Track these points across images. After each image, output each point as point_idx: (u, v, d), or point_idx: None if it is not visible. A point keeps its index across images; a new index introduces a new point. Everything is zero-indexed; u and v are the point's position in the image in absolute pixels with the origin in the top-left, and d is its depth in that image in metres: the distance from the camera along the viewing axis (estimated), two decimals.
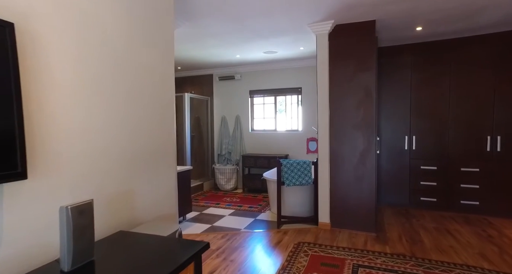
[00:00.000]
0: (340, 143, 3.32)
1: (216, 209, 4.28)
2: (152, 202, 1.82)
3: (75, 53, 1.36)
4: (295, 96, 5.44)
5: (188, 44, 4.05)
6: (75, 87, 1.36)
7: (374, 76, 3.13)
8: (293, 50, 4.45)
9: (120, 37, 1.65)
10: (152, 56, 1.96)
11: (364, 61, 3.17)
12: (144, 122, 1.77)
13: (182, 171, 3.57)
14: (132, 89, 1.73)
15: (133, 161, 1.64)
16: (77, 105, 1.36)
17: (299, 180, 3.43)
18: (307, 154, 5.30)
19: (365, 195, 3.21)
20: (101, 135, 1.47)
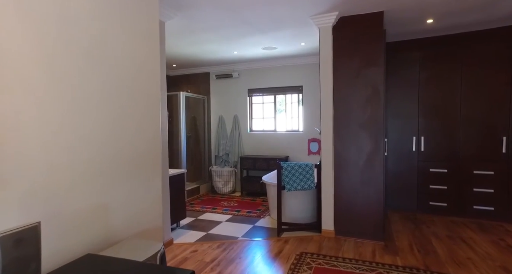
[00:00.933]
0: (345, 144, 3.08)
1: (212, 214, 4.04)
2: (132, 216, 1.56)
3: (31, 43, 1.12)
4: (296, 95, 5.20)
5: (182, 39, 3.81)
6: (30, 83, 1.11)
7: (382, 72, 2.89)
8: (294, 46, 4.21)
9: (90, 20, 1.40)
10: (133, 47, 1.71)
11: (371, 56, 2.93)
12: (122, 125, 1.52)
13: (175, 175, 3.32)
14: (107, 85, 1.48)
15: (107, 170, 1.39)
16: (34, 102, 1.12)
17: (300, 184, 3.19)
18: (308, 156, 5.06)
19: (372, 200, 2.97)
20: (64, 139, 1.22)
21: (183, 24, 3.27)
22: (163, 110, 2.84)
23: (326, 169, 3.16)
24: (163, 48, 2.86)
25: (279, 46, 4.23)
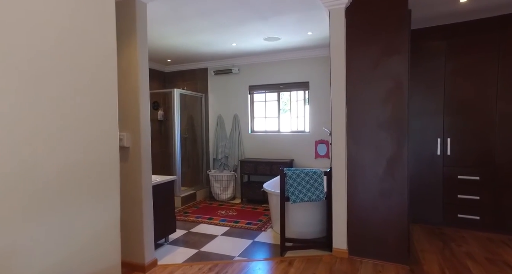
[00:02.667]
0: (360, 148, 2.59)
1: (207, 226, 3.58)
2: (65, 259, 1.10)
3: None
4: (302, 92, 4.72)
5: (172, 27, 3.36)
6: None
7: (406, 61, 2.40)
8: (300, 36, 3.73)
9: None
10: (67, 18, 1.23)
11: (393, 42, 2.44)
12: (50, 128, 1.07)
13: (162, 183, 2.87)
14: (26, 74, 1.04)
15: (23, 194, 0.94)
16: None
17: (307, 195, 2.71)
18: (315, 159, 4.57)
19: (394, 215, 2.48)
20: None
21: (170, 7, 2.82)
22: (144, 107, 2.39)
23: (338, 177, 2.68)
24: (144, 34, 2.41)
25: (283, 36, 3.76)
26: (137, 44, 2.33)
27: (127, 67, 2.37)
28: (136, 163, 2.38)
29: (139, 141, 2.37)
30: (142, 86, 2.38)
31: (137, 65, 2.34)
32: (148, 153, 2.45)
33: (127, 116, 2.39)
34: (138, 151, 2.37)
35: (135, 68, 2.34)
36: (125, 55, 2.37)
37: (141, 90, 2.37)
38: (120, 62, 2.39)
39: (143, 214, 2.39)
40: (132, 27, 2.33)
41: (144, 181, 2.39)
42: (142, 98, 2.38)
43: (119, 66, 2.40)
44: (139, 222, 2.41)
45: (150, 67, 5.09)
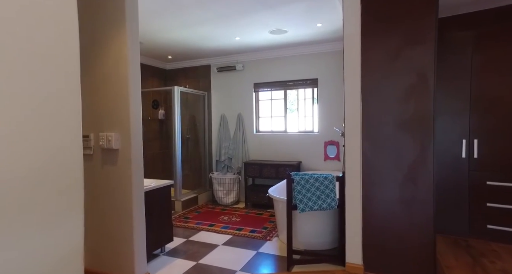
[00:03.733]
0: (378, 151, 2.30)
1: (208, 233, 3.32)
2: None
3: None
4: (310, 90, 4.43)
5: (169, 19, 3.11)
6: None
7: (432, 52, 2.10)
8: (308, 28, 3.44)
9: None
10: None
11: (416, 30, 2.13)
12: None
13: (158, 188, 2.63)
14: None
15: None
16: None
17: (318, 203, 2.42)
18: (324, 161, 4.28)
19: (416, 227, 2.18)
20: None
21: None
22: (135, 105, 2.14)
23: (352, 183, 2.39)
24: (135, 25, 2.16)
25: (290, 29, 3.48)
26: (127, 35, 2.08)
27: (116, 62, 2.12)
28: (125, 167, 2.14)
29: (129, 143, 2.12)
30: (133, 82, 2.13)
31: (126, 59, 2.09)
32: (139, 155, 2.20)
33: (116, 115, 2.15)
34: (128, 153, 2.13)
35: (125, 62, 2.10)
36: (113, 49, 2.13)
37: (131, 87, 2.12)
38: (108, 57, 2.15)
39: (133, 223, 2.15)
40: (120, 17, 2.09)
41: (134, 187, 2.15)
42: (133, 95, 2.13)
43: (107, 61, 2.16)
44: (128, 232, 2.16)
45: (149, 64, 4.87)
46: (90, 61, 2.22)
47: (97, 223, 2.27)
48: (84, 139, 2.24)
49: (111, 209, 2.20)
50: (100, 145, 2.17)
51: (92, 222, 2.29)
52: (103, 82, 2.19)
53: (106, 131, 2.18)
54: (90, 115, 2.25)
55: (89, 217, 2.30)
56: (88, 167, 2.28)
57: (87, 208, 2.30)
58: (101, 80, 2.19)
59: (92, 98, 2.23)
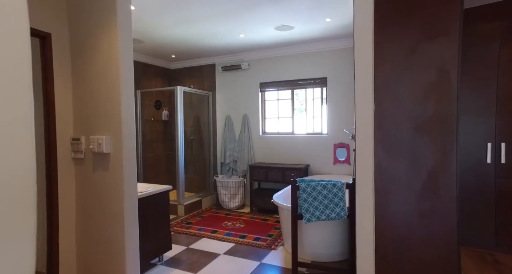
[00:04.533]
0: (393, 155, 2.07)
1: (210, 241, 3.15)
2: None
3: None
4: (319, 89, 4.21)
5: (168, 15, 2.97)
6: None
7: (456, 44, 1.86)
8: (316, 23, 3.24)
9: None
10: None
11: (437, 20, 1.90)
12: None
13: (154, 194, 2.48)
14: None
15: None
16: None
17: (325, 213, 2.22)
18: (334, 165, 4.05)
19: (437, 241, 1.94)
20: None
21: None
22: (127, 106, 1.99)
23: (363, 191, 2.16)
24: (127, 19, 2.01)
25: (297, 25, 3.28)
26: (118, 31, 1.93)
27: (107, 60, 1.98)
28: (117, 172, 1.99)
29: (121, 146, 1.97)
30: (125, 81, 1.98)
31: (117, 56, 1.94)
32: (132, 160, 2.05)
33: (107, 117, 2.01)
34: (120, 157, 1.98)
35: (116, 60, 1.95)
36: (104, 46, 1.98)
37: (123, 87, 1.97)
38: (99, 54, 2.01)
39: (125, 232, 1.99)
40: (111, 10, 1.94)
41: (126, 193, 1.99)
42: (125, 96, 1.98)
43: (98, 59, 2.02)
44: (120, 240, 2.01)
45: (153, 64, 4.75)
46: (81, 59, 2.09)
47: (88, 230, 2.13)
48: (75, 142, 2.11)
49: (102, 216, 2.06)
50: (90, 148, 2.04)
51: (83, 229, 2.15)
52: (94, 82, 2.05)
53: (97, 134, 2.04)
54: (81, 117, 2.12)
55: (81, 224, 2.16)
56: (79, 172, 2.15)
57: (78, 214, 2.17)
58: (92, 80, 2.05)
59: (84, 99, 2.10)
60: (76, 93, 2.13)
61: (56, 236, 2.03)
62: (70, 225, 2.14)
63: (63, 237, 2.09)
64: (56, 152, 2.02)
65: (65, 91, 2.10)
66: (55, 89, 2.03)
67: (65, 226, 2.11)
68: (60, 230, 2.07)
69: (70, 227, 2.15)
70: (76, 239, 2.18)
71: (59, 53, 2.05)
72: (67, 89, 2.12)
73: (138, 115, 4.42)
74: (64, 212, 2.10)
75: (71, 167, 2.14)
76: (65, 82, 2.10)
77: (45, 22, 1.97)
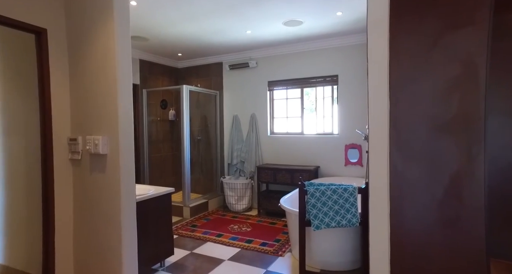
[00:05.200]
0: (410, 158, 1.89)
1: (215, 245, 3.04)
2: None
3: None
4: (329, 88, 4.04)
5: (172, 12, 2.86)
6: None
7: (485, 35, 1.67)
8: (327, 17, 3.07)
9: None
10: None
11: (461, 8, 1.71)
12: None
13: (156, 196, 2.38)
14: None
15: None
16: None
17: (335, 219, 2.06)
18: (345, 167, 3.87)
19: (462, 252, 1.75)
20: None
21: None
22: (124, 105, 1.89)
23: (377, 197, 1.99)
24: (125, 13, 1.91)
25: (306, 19, 3.12)
26: (114, 25, 1.83)
27: (104, 56, 1.88)
28: (114, 174, 1.89)
29: (118, 147, 1.88)
30: (122, 79, 1.88)
31: (114, 52, 1.84)
32: (130, 161, 1.94)
33: (104, 116, 1.91)
34: (117, 159, 1.88)
35: (113, 56, 1.85)
36: (101, 41, 1.89)
37: (120, 84, 1.87)
38: (96, 51, 1.92)
39: (122, 236, 1.89)
40: (108, 4, 1.85)
41: (123, 196, 1.89)
42: (122, 94, 1.88)
43: (95, 56, 1.93)
44: (117, 245, 1.91)
45: (160, 63, 4.68)
46: (79, 56, 2.00)
47: (86, 235, 2.04)
48: (72, 143, 2.02)
49: (99, 220, 1.97)
50: (87, 149, 1.95)
51: (81, 234, 2.07)
52: (91, 79, 1.96)
53: (94, 135, 1.95)
54: (79, 117, 2.03)
55: (78, 229, 2.08)
56: (76, 173, 2.06)
57: (76, 219, 2.08)
58: (89, 77, 1.97)
59: (81, 97, 2.01)
60: (74, 91, 2.05)
61: (52, 241, 1.95)
62: (67, 229, 2.06)
63: (60, 242, 2.01)
64: (53, 153, 1.95)
65: (62, 89, 2.02)
66: (52, 87, 1.95)
67: (62, 231, 2.03)
68: (56, 235, 1.99)
69: (67, 231, 2.07)
70: (74, 245, 2.10)
71: (56, 50, 1.97)
72: (65, 87, 2.04)
73: (144, 115, 4.35)
74: (61, 216, 2.02)
75: (69, 168, 2.06)
76: (63, 80, 2.02)
77: (41, 17, 1.89)
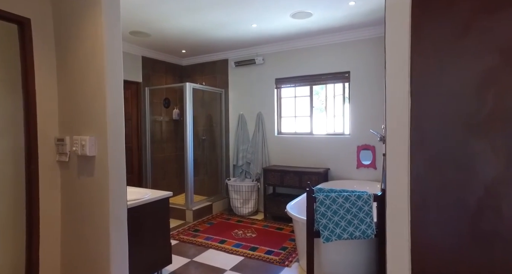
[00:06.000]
0: (435, 162, 1.65)
1: (217, 253, 2.85)
2: None
3: None
4: (340, 85, 3.80)
5: (171, 4, 2.69)
6: None
7: None
8: (338, 9, 2.84)
9: None
10: None
11: None
12: None
13: (151, 201, 2.20)
14: None
15: None
16: None
17: (348, 231, 1.84)
18: (357, 169, 3.62)
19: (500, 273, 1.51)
20: None
21: None
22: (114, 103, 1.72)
23: (396, 205, 1.75)
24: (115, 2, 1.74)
25: (316, 11, 2.90)
26: (102, 15, 1.66)
27: (92, 49, 1.72)
28: (102, 178, 1.73)
29: (106, 148, 1.71)
30: (111, 74, 1.71)
31: (103, 45, 1.67)
32: (121, 163, 1.77)
33: (92, 115, 1.75)
34: (105, 161, 1.71)
35: (101, 50, 1.68)
36: (88, 33, 1.73)
37: (109, 80, 1.70)
38: (83, 43, 1.75)
39: (110, 245, 1.72)
40: None
41: (112, 201, 1.72)
42: (111, 90, 1.71)
43: (82, 49, 1.76)
44: (105, 255, 1.74)
45: (164, 60, 4.54)
46: (67, 49, 1.84)
47: (74, 242, 1.88)
48: (59, 143, 1.87)
49: (88, 228, 1.81)
50: (74, 150, 1.79)
51: (69, 241, 1.91)
52: (78, 75, 1.80)
53: (83, 135, 1.79)
54: (66, 115, 1.88)
55: (66, 235, 1.92)
56: (64, 176, 1.91)
57: (64, 224, 1.93)
58: (77, 72, 1.80)
59: (69, 94, 1.86)
60: (62, 87, 1.89)
61: (36, 249, 1.80)
62: (54, 237, 1.90)
63: (46, 250, 1.85)
64: (38, 154, 1.79)
65: (49, 85, 1.87)
66: (37, 83, 1.79)
67: (49, 238, 1.87)
68: (42, 242, 1.83)
69: (54, 239, 1.91)
70: (62, 253, 1.94)
71: (41, 42, 1.82)
72: (52, 83, 1.88)
73: (146, 114, 4.21)
74: (48, 222, 1.86)
75: (56, 171, 1.91)
76: (49, 75, 1.87)
77: (24, 5, 1.74)
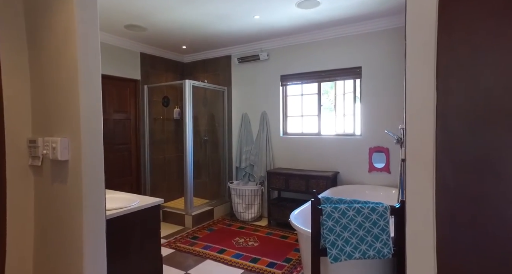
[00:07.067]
0: (467, 168, 1.35)
1: (215, 264, 2.62)
2: None
3: None
4: (351, 82, 3.52)
5: None
6: None
7: None
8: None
9: None
10: None
11: None
12: None
13: (140, 209, 1.98)
14: None
15: None
16: None
17: (360, 249, 1.57)
18: (369, 173, 3.33)
19: None
20: None
21: None
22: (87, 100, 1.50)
23: (418, 220, 1.47)
24: None
25: None
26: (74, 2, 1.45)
27: (64, 40, 1.51)
28: (75, 185, 1.51)
29: (80, 152, 1.49)
30: (84, 68, 1.49)
31: (75, 35, 1.46)
32: (97, 169, 1.55)
33: (64, 114, 1.54)
34: (78, 166, 1.50)
35: (73, 40, 1.47)
36: (61, 22, 1.51)
37: (82, 75, 1.48)
38: (56, 30, 1.54)
39: (83, 264, 1.51)
40: None
41: (86, 213, 1.50)
42: (85, 86, 1.49)
43: (54, 37, 1.55)
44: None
45: (164, 57, 4.34)
46: (39, 41, 1.64)
47: (47, 261, 1.68)
48: (31, 145, 1.67)
49: (60, 243, 1.60)
50: (44, 154, 1.58)
51: (42, 259, 1.70)
52: (52, 69, 1.59)
53: (55, 136, 1.58)
54: (40, 114, 1.68)
55: (40, 252, 1.72)
56: (37, 183, 1.71)
57: (37, 239, 1.73)
58: (50, 64, 1.60)
59: (42, 90, 1.65)
60: (35, 83, 1.69)
61: (1, 268, 1.60)
62: (26, 253, 1.69)
63: (14, 269, 1.65)
64: (5, 157, 1.60)
65: (20, 81, 1.67)
66: (3, 75, 1.60)
67: (19, 254, 1.67)
68: (10, 260, 1.63)
69: (26, 255, 1.70)
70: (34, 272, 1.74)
71: (10, 32, 1.62)
72: (24, 78, 1.68)
73: (145, 113, 4.03)
74: (17, 236, 1.66)
75: (29, 177, 1.71)
76: (21, 69, 1.67)
77: None
